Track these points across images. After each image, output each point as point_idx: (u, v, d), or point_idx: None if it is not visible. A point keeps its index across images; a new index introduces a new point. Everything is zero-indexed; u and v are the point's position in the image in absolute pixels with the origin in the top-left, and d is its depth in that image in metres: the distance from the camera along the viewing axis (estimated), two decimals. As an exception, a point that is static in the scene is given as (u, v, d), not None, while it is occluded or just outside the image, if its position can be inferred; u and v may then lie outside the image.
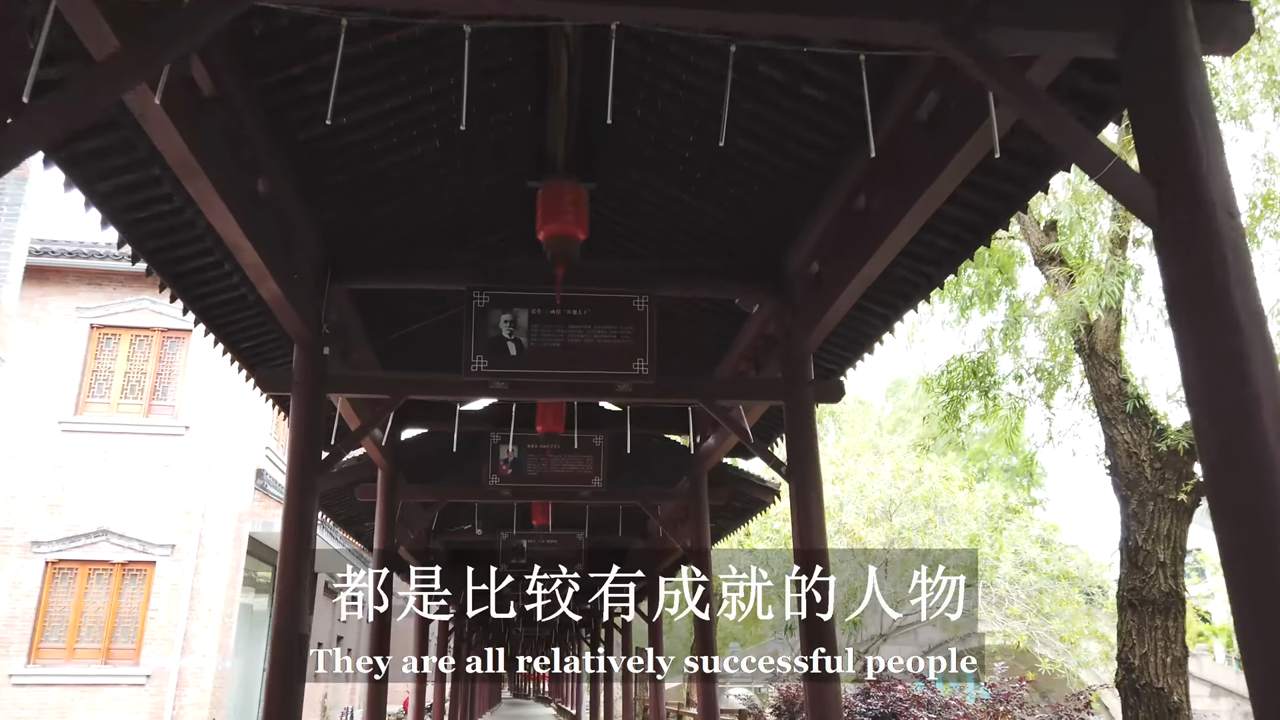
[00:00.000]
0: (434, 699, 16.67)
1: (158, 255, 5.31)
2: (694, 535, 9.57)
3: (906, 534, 15.92)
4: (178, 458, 14.60)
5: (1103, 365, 7.52)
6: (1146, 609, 7.57)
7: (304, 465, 5.71)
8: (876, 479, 16.86)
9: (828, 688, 5.66)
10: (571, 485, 9.55)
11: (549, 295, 6.08)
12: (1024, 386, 8.44)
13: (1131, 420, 7.42)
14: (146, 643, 13.82)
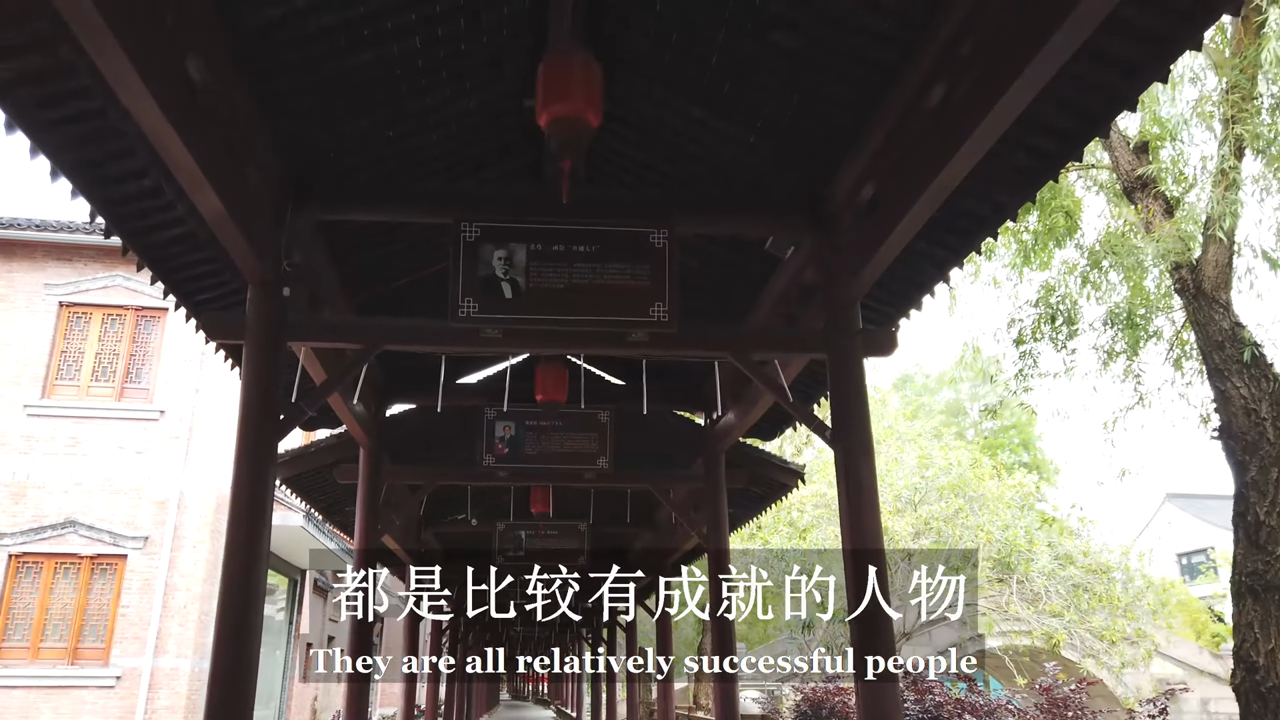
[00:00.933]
0: (427, 701, 15.76)
1: (83, 171, 4.38)
2: (710, 521, 8.64)
3: (934, 524, 14.96)
4: (152, 444, 13.67)
5: (1212, 307, 6.50)
6: (1273, 596, 6.46)
7: (258, 427, 4.79)
8: (901, 466, 15.90)
9: (886, 691, 4.73)
10: (574, 466, 8.62)
11: (551, 229, 5.16)
12: (1107, 337, 7.46)
13: (1248, 371, 6.43)
14: (116, 642, 12.88)
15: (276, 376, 4.88)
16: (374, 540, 8.35)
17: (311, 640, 22.25)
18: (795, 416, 5.50)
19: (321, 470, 8.80)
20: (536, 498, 10.60)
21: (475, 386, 9.13)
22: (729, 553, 8.68)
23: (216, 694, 4.43)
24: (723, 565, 8.47)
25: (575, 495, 11.63)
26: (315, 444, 8.61)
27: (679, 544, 10.84)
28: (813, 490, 15.47)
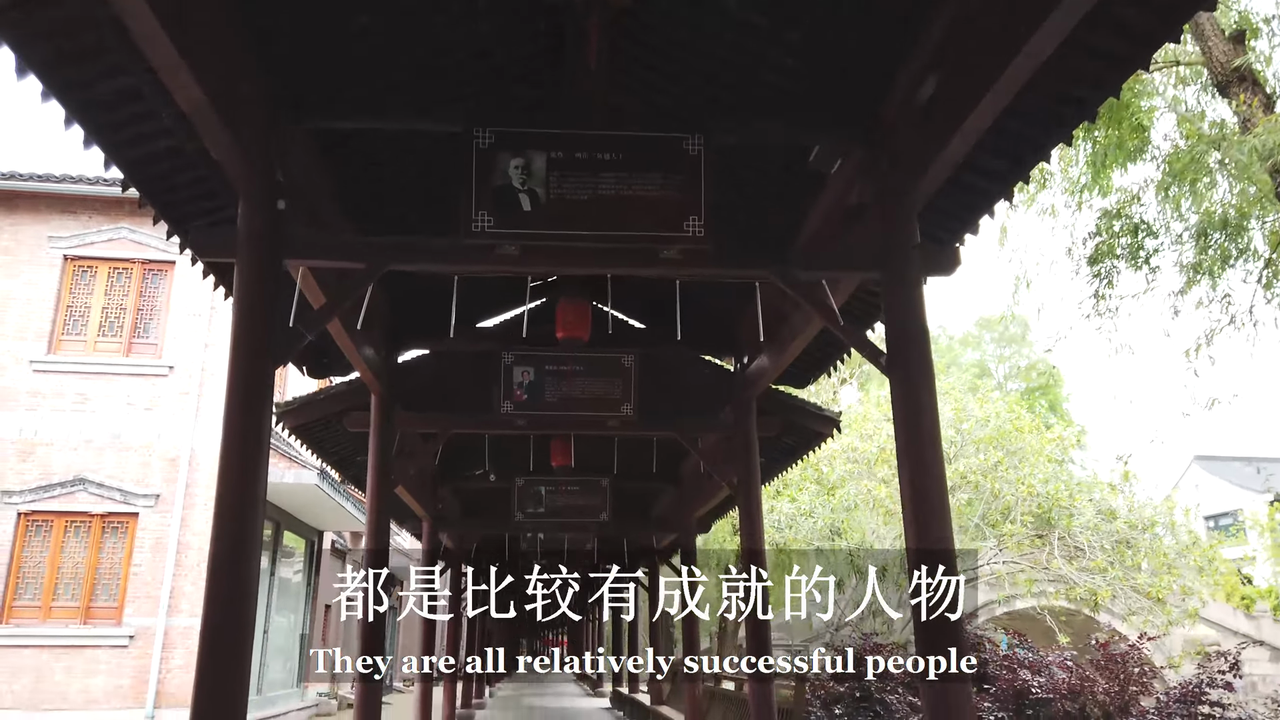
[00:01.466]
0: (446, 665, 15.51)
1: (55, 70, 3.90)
2: (741, 471, 8.16)
3: (972, 477, 14.44)
4: (161, 400, 13.31)
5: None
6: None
7: (252, 354, 4.31)
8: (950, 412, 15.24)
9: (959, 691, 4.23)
10: (597, 413, 8.16)
11: (573, 135, 4.64)
12: (1191, 252, 6.83)
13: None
14: (129, 601, 12.61)
15: (272, 299, 4.40)
16: (387, 492, 7.92)
17: (328, 604, 22.08)
18: (846, 342, 5.00)
19: (331, 419, 8.37)
20: (557, 450, 10.17)
21: (493, 330, 8.66)
22: (761, 504, 8.22)
23: (209, 655, 4.00)
24: (755, 516, 8.01)
25: (597, 449, 11.18)
26: (324, 391, 8.18)
27: (708, 498, 10.39)
28: (843, 444, 14.98)
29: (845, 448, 15.42)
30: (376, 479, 7.81)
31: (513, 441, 11.14)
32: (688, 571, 11.79)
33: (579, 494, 11.78)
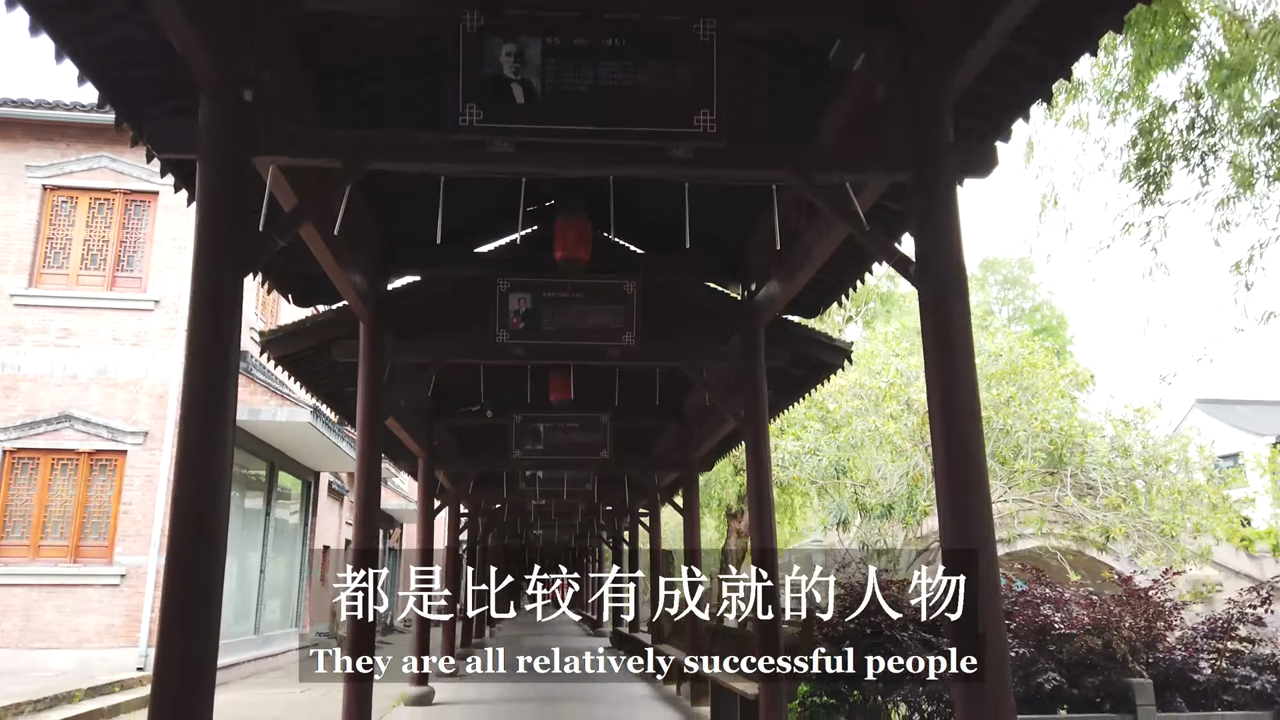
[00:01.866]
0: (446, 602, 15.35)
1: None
2: (748, 404, 7.81)
3: (986, 412, 14.05)
4: (148, 336, 12.91)
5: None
6: None
7: (218, 262, 3.91)
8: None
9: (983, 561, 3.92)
10: (597, 343, 7.78)
11: (572, 18, 4.18)
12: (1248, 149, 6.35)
13: None
14: (120, 540, 12.35)
15: (238, 201, 3.99)
16: (378, 424, 7.57)
17: (327, 543, 21.96)
18: (872, 251, 4.59)
19: (320, 349, 7.99)
20: (555, 384, 9.81)
21: (487, 256, 8.24)
22: (769, 438, 7.88)
23: (173, 599, 3.66)
24: (762, 451, 7.68)
25: (598, 383, 10.84)
26: (311, 319, 7.79)
27: (712, 433, 10.06)
28: (850, 380, 14.60)
29: (852, 383, 15.05)
30: (367, 410, 7.46)
31: (510, 375, 10.78)
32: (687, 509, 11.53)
33: (579, 431, 11.47)
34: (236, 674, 13.98)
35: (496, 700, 11.13)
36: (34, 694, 9.73)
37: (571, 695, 11.48)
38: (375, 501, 7.40)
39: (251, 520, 15.85)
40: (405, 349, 7.89)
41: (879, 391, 14.81)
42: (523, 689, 12.32)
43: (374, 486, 7.45)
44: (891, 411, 14.37)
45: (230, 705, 10.86)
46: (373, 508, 7.41)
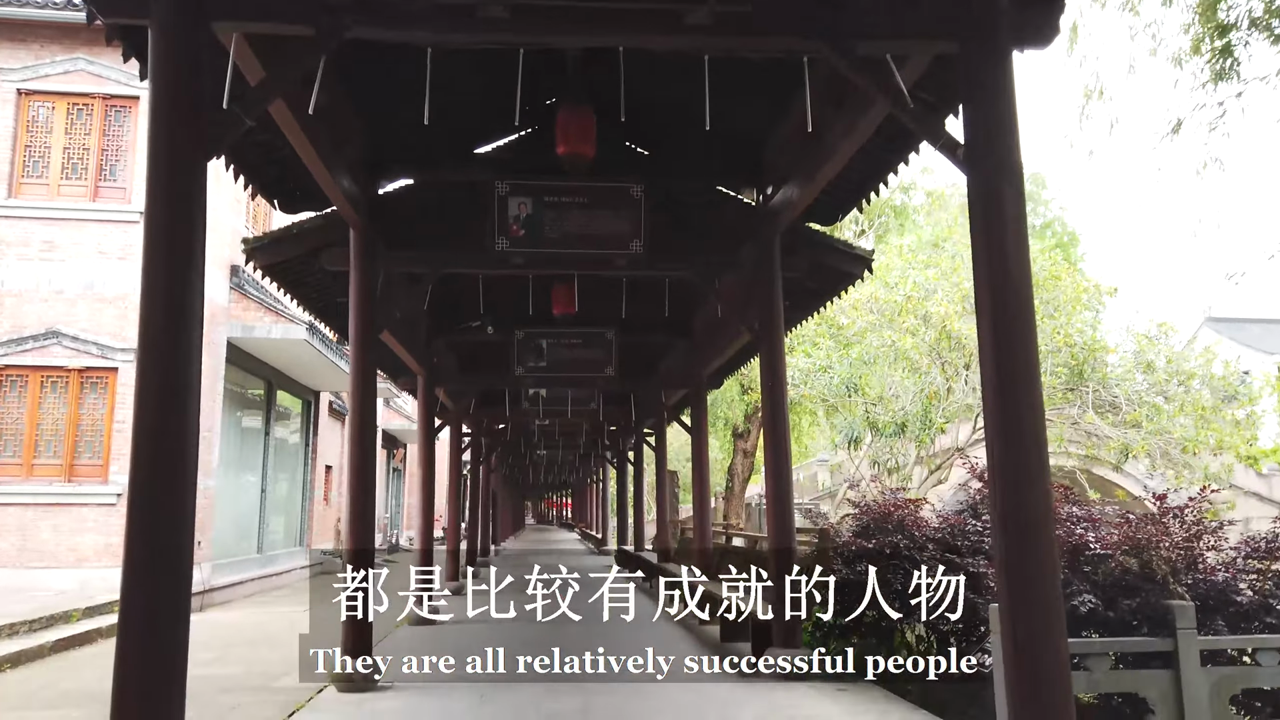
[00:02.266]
0: (449, 523, 15.18)
1: None
2: (763, 315, 7.38)
3: None
4: (134, 249, 12.38)
5: None
6: None
7: (174, 145, 3.43)
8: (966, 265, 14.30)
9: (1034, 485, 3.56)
10: (602, 251, 7.32)
11: None
12: None
13: None
14: (114, 459, 12.09)
15: (197, 73, 3.49)
16: (371, 337, 7.17)
17: (329, 464, 21.81)
18: (916, 129, 4.09)
19: (309, 257, 7.53)
20: (559, 296, 9.37)
21: (486, 157, 7.72)
22: (784, 352, 7.47)
23: (139, 522, 3.30)
24: (777, 365, 7.29)
25: (603, 296, 10.40)
26: (298, 225, 7.31)
27: (722, 349, 9.65)
28: (865, 293, 14.09)
29: (867, 297, 14.53)
30: (359, 322, 7.05)
31: (511, 288, 10.34)
32: (695, 429, 11.20)
33: (583, 347, 11.07)
34: (240, 593, 13.90)
35: (499, 618, 10.97)
36: (31, 614, 9.56)
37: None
38: (371, 418, 7.05)
39: (250, 440, 15.61)
40: (399, 258, 7.43)
41: (895, 306, 14.31)
42: (527, 606, 12.19)
43: (369, 403, 7.08)
44: (909, 326, 13.91)
45: (231, 625, 10.75)
46: (368, 425, 7.06)
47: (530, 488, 52.79)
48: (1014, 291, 3.62)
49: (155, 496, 3.33)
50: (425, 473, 10.99)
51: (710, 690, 6.55)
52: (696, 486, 11.07)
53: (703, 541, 10.65)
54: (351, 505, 6.95)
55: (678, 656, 8.14)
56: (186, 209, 3.50)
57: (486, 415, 16.55)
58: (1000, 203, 3.64)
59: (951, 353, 13.93)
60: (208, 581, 12.60)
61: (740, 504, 19.09)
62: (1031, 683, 3.49)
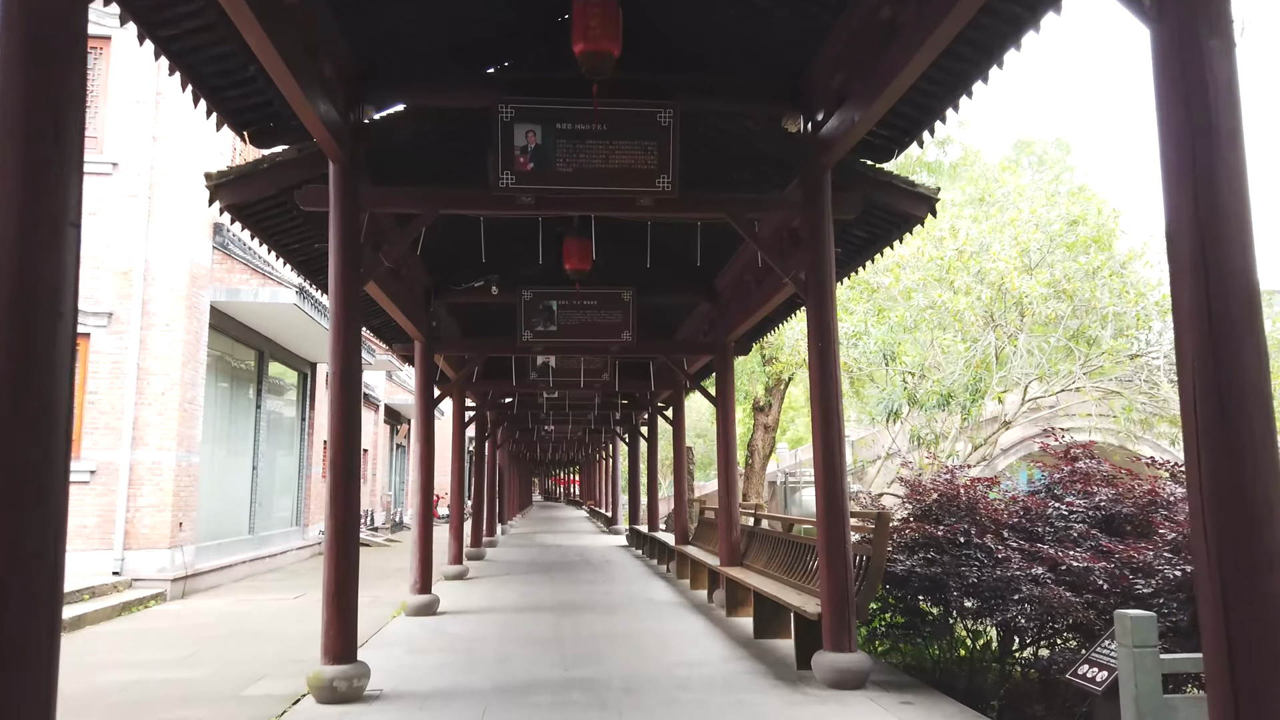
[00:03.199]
0: (452, 500, 14.21)
1: None
2: (811, 263, 6.33)
3: (1072, 284, 12.44)
4: (107, 204, 11.40)
5: None
6: None
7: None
8: (1029, 213, 13.03)
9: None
10: (623, 188, 6.27)
11: None
12: None
13: None
14: (88, 433, 11.12)
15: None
16: (354, 288, 6.13)
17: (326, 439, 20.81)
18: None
19: (282, 198, 6.48)
20: (571, 250, 8.32)
21: (487, 80, 6.65)
22: (835, 305, 6.42)
23: None
24: (828, 321, 6.24)
25: (620, 252, 9.36)
26: (268, 159, 6.25)
27: (755, 307, 8.60)
28: (909, 250, 12.87)
29: (913, 254, 13.26)
30: (341, 271, 6.01)
31: (518, 240, 9.30)
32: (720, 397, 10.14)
33: (597, 310, 10.03)
34: (229, 576, 12.97)
35: (506, 608, 10.00)
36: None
37: (588, 602, 10.37)
38: (354, 382, 6.03)
39: (240, 413, 14.63)
40: (386, 196, 6.38)
41: (942, 263, 13.09)
42: (536, 592, 11.27)
43: (352, 365, 6.05)
44: (962, 284, 12.67)
45: (213, 614, 9.82)
46: (352, 390, 6.03)
47: (538, 464, 51.91)
48: (1229, 194, 2.57)
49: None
50: (424, 448, 9.99)
51: (753, 704, 5.54)
52: (722, 463, 10.05)
53: (729, 524, 9.65)
54: (332, 480, 5.95)
55: (709, 658, 7.18)
56: (58, 62, 2.47)
57: (491, 387, 15.55)
58: (1208, 63, 2.58)
59: (1009, 314, 12.72)
60: (191, 565, 11.66)
61: (761, 481, 18.07)
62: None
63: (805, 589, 7.09)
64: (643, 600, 10.59)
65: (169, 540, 11.15)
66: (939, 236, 13.29)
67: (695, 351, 10.91)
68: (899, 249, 9.70)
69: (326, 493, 6.01)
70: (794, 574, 7.81)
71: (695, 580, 11.51)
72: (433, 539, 10.27)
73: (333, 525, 5.94)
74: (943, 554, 6.16)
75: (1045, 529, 6.21)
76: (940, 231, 13.23)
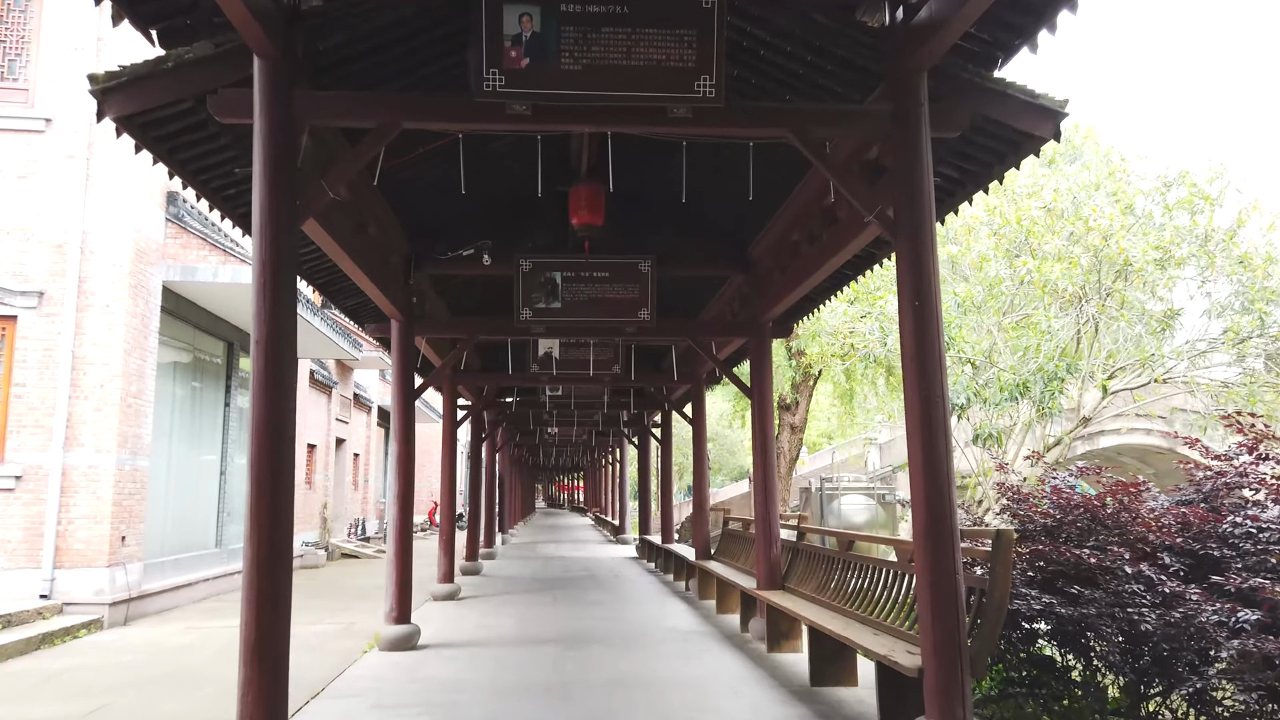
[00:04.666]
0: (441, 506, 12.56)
1: None
2: (901, 195, 4.70)
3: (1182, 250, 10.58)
4: (39, 166, 9.81)
5: None
6: None
7: None
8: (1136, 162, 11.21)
9: None
10: (651, 95, 4.65)
11: None
12: None
13: None
14: (12, 432, 9.52)
15: None
16: (286, 222, 4.50)
17: (314, 442, 19.22)
18: None
19: (194, 105, 4.86)
20: (580, 200, 6.73)
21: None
22: (935, 250, 4.80)
23: None
24: (925, 267, 4.63)
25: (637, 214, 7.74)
26: (175, 55, 4.64)
27: (798, 277, 6.96)
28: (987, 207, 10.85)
29: (990, 211, 11.34)
30: (268, 198, 4.40)
31: (514, 204, 7.68)
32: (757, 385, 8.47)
33: (609, 283, 8.38)
34: (188, 597, 11.35)
35: (500, 641, 8.37)
36: None
37: (598, 632, 8.73)
38: (284, 350, 4.41)
39: (205, 411, 13.02)
40: (330, 105, 4.75)
41: (1022, 226, 11.15)
42: (537, 617, 9.63)
43: (283, 332, 4.44)
44: (1056, 249, 10.79)
45: (150, 647, 8.12)
46: (283, 363, 4.42)
47: (541, 470, 50.13)
48: None
49: None
50: (402, 449, 8.34)
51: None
52: (760, 466, 8.39)
53: (769, 539, 8.02)
54: (253, 487, 4.33)
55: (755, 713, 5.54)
56: None
57: (487, 381, 13.93)
58: None
59: (1115, 281, 10.89)
60: (136, 586, 10.03)
61: (787, 487, 16.42)
62: None
63: (884, 628, 5.45)
64: (663, 629, 8.94)
65: (108, 557, 9.52)
66: (1019, 195, 11.49)
67: (725, 333, 9.25)
68: (968, 211, 7.97)
69: (247, 503, 4.40)
70: (859, 604, 6.17)
71: (723, 602, 9.87)
72: (413, 557, 8.63)
73: (253, 548, 4.34)
74: (1092, 587, 4.51)
75: (1225, 551, 4.56)
76: (1021, 189, 11.45)
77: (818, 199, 6.51)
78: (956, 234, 11.71)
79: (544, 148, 6.41)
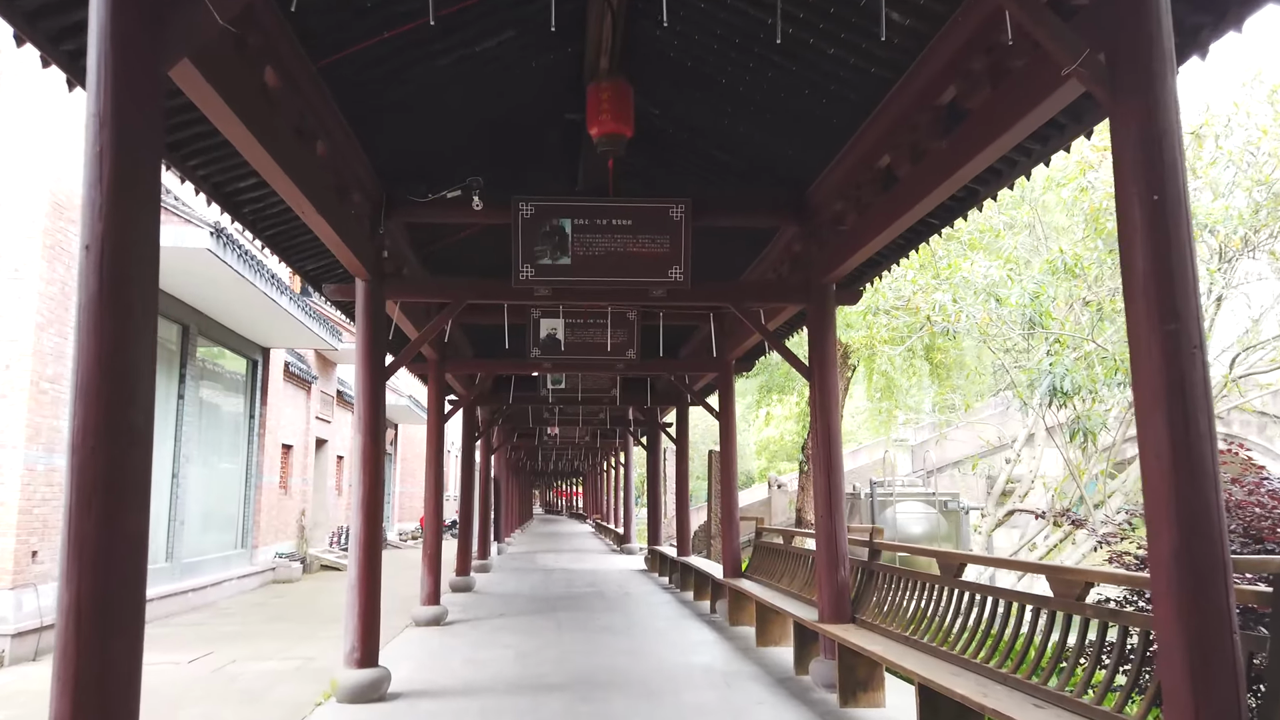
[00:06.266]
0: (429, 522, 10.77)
1: None
2: (1123, 29, 2.96)
3: None
4: (-68, 100, 8.05)
5: None
6: None
7: None
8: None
9: None
10: None
11: None
12: None
13: None
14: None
15: None
16: (151, 69, 2.74)
17: (290, 443, 17.40)
18: None
19: None
20: (598, 101, 4.95)
21: None
22: (1178, 113, 3.06)
23: None
24: (1165, 138, 2.91)
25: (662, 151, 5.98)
26: None
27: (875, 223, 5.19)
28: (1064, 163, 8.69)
29: (1080, 164, 9.44)
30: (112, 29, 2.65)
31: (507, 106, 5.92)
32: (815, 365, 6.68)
33: (632, 233, 6.55)
34: (125, 620, 9.56)
35: (491, 688, 6.61)
36: None
37: (614, 673, 6.97)
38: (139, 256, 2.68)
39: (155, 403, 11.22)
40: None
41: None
42: (537, 652, 7.89)
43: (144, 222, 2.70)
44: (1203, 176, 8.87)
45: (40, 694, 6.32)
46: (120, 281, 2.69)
47: (539, 475, 48.22)
48: None
49: None
50: (368, 443, 6.56)
51: None
52: (823, 462, 6.61)
53: (834, 559, 6.27)
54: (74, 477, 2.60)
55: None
56: None
57: (479, 368, 12.17)
58: None
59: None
60: (49, 613, 8.23)
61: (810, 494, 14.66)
62: None
63: (1055, 698, 3.70)
64: (697, 669, 7.16)
65: (12, 577, 7.75)
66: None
67: (778, 298, 7.39)
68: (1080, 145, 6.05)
69: (65, 507, 2.65)
70: (988, 654, 4.44)
71: (765, 633, 8.09)
72: (389, 575, 6.84)
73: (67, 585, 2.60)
74: None
75: None
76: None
77: (930, 94, 4.73)
78: (1068, 176, 9.57)
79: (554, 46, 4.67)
